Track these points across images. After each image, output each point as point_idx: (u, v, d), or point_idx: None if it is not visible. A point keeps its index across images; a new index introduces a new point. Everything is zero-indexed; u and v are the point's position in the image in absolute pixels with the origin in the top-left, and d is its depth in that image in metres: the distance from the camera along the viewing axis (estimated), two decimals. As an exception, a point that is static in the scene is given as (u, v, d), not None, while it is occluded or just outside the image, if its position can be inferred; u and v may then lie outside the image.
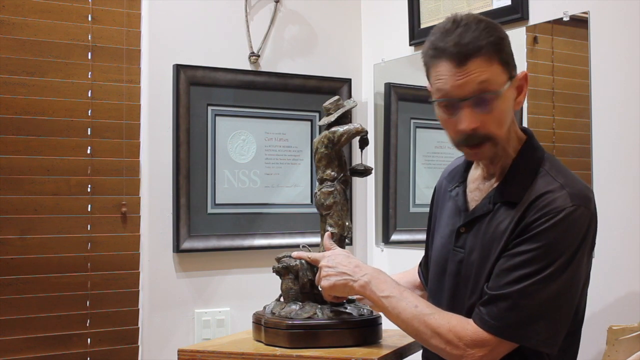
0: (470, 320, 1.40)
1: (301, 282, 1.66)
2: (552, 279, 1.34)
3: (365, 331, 1.61)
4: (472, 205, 1.51)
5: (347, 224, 1.65)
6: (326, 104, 1.68)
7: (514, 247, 1.38)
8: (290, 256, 1.68)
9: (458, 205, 1.53)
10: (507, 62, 1.39)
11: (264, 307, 1.71)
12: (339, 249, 1.63)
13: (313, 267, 1.65)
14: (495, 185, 1.47)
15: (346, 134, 1.64)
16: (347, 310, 1.62)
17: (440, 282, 1.55)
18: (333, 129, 1.65)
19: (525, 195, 1.40)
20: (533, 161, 1.45)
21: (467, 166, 1.59)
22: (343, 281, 1.55)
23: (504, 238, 1.40)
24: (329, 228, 1.65)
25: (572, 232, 1.35)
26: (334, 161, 1.66)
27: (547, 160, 1.45)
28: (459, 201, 1.53)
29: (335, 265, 1.57)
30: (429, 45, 1.40)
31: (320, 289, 1.62)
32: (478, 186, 1.52)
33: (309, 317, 1.61)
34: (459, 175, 1.59)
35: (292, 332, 1.58)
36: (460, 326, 1.39)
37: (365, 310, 1.64)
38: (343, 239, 1.66)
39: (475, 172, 1.56)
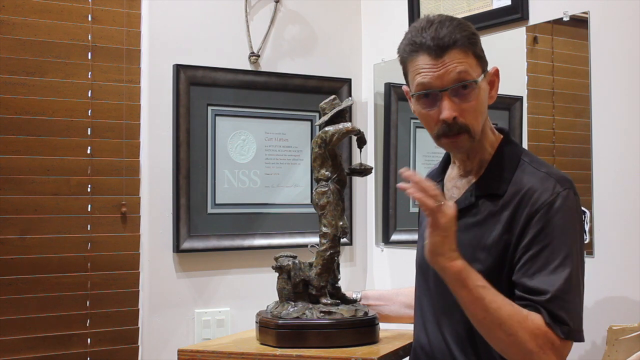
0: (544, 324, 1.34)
1: (293, 281, 1.66)
2: (576, 265, 1.36)
3: (356, 332, 1.60)
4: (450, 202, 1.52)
5: (340, 224, 1.64)
6: (322, 103, 1.69)
7: (528, 250, 1.38)
8: (285, 256, 1.68)
9: None
10: (480, 56, 1.46)
11: (267, 307, 1.71)
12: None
13: (305, 267, 1.66)
14: (473, 181, 1.50)
15: (337, 133, 1.65)
16: (338, 311, 1.61)
17: (426, 281, 1.56)
18: (326, 128, 1.66)
19: (510, 187, 1.43)
20: (512, 155, 1.49)
21: (444, 167, 1.62)
22: (442, 250, 1.34)
23: (496, 230, 1.41)
24: (322, 228, 1.65)
25: (572, 214, 1.39)
26: (328, 161, 1.66)
27: (526, 154, 1.50)
28: None
29: (448, 233, 1.35)
30: (407, 42, 1.46)
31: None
32: (455, 184, 1.56)
33: (297, 317, 1.61)
34: (436, 176, 1.63)
35: (279, 332, 1.59)
36: (544, 329, 1.33)
37: (358, 312, 1.63)
38: (337, 239, 1.65)
39: (452, 172, 1.59)
